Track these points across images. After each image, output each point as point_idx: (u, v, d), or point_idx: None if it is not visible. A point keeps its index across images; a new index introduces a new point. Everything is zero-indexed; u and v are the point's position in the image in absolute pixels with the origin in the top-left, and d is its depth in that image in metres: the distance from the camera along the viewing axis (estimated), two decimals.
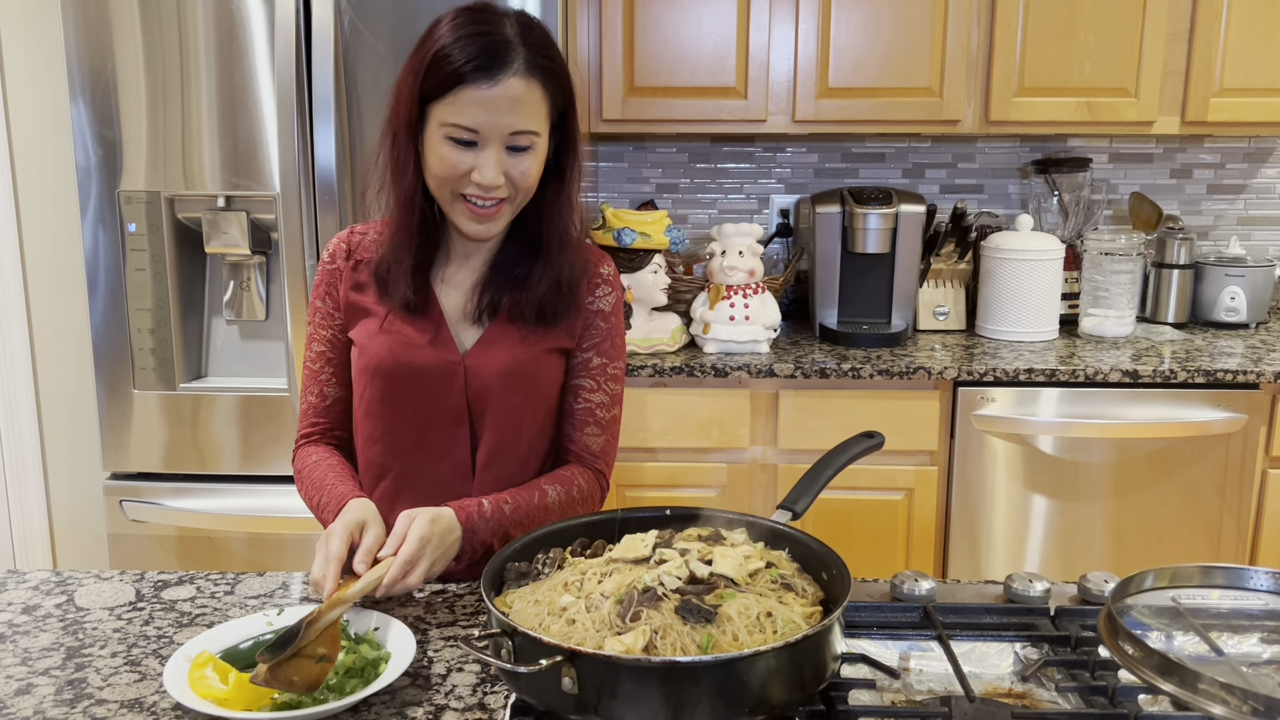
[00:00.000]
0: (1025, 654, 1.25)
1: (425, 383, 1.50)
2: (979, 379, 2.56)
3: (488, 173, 1.38)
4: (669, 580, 1.12)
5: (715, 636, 1.05)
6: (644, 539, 1.18)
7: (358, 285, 1.54)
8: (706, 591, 1.11)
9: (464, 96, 1.35)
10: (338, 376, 1.58)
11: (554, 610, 1.07)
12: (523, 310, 1.51)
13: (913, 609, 1.29)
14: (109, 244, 2.41)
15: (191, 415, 2.48)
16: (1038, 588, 1.34)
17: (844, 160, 3.18)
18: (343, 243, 1.56)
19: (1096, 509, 2.61)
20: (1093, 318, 2.86)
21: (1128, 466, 2.59)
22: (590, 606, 1.07)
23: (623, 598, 1.07)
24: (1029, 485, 2.61)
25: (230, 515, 2.50)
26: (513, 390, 1.52)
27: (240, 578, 1.45)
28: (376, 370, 1.50)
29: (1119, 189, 3.16)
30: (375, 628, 1.24)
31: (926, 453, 2.62)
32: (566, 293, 1.52)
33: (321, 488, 1.51)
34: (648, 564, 1.15)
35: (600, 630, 1.04)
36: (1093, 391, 2.56)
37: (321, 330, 1.57)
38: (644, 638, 1.02)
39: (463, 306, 1.52)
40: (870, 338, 2.78)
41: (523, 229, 1.51)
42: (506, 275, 1.51)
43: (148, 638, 1.27)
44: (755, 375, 2.57)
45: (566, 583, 1.13)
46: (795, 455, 2.63)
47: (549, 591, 1.12)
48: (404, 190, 1.45)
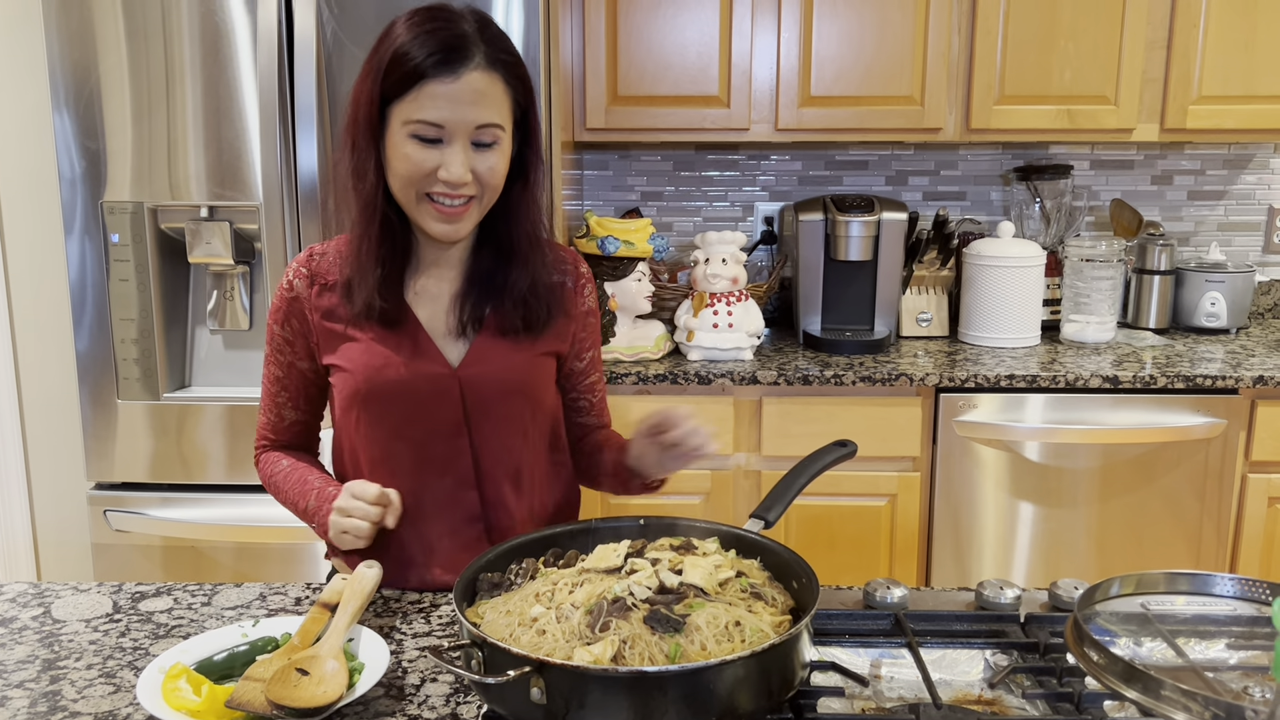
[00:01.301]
0: (995, 661, 1.26)
1: (418, 399, 1.48)
2: (960, 385, 2.57)
3: (454, 169, 1.36)
4: (639, 590, 1.13)
5: (683, 646, 1.06)
6: (616, 549, 1.19)
7: (328, 312, 1.50)
8: (676, 601, 1.12)
9: (427, 92, 1.35)
10: (293, 401, 1.57)
11: (524, 621, 1.08)
12: (510, 321, 1.51)
13: (884, 616, 1.30)
14: (92, 254, 2.41)
15: (176, 425, 2.48)
16: (1008, 595, 1.35)
17: (828, 168, 3.20)
18: (302, 267, 1.51)
19: (1078, 514, 2.63)
20: (1074, 324, 2.88)
21: (1108, 472, 2.60)
22: (560, 617, 1.08)
23: (593, 608, 1.08)
24: (1011, 491, 2.63)
25: (214, 525, 2.50)
26: (511, 399, 1.52)
27: (218, 589, 1.45)
28: (365, 393, 1.48)
29: (1100, 195, 3.18)
30: (350, 639, 1.24)
31: (909, 459, 2.64)
32: (546, 294, 1.53)
33: (305, 491, 1.50)
34: (619, 574, 1.16)
35: (570, 640, 1.05)
36: (1074, 397, 2.58)
37: (278, 355, 1.54)
38: (612, 648, 1.03)
39: (444, 320, 1.51)
40: (853, 344, 2.79)
41: (493, 234, 1.50)
42: (485, 284, 1.50)
43: (123, 650, 1.28)
44: (739, 382, 2.58)
45: (538, 593, 1.14)
46: (778, 462, 2.64)
47: (520, 602, 1.13)
48: (365, 195, 1.42)
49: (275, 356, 1.55)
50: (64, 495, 2.86)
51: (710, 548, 1.25)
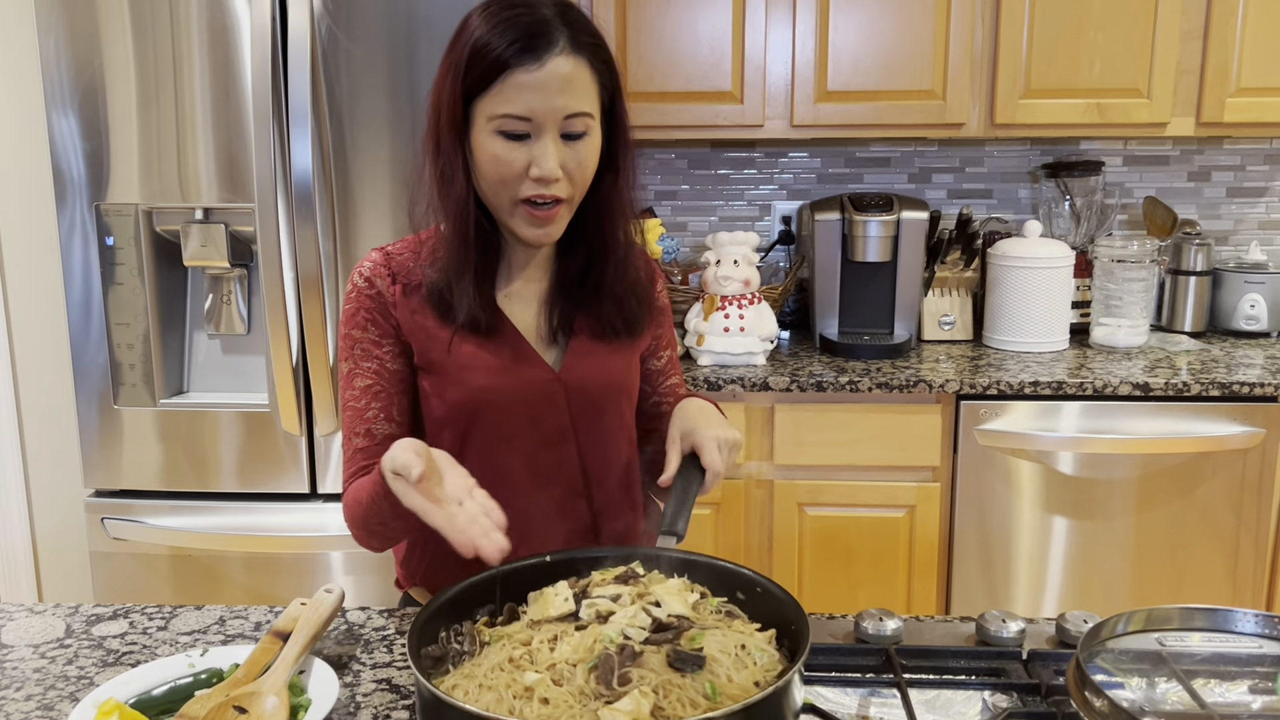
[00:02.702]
0: (994, 702, 1.16)
1: (525, 406, 1.40)
2: (982, 392, 2.46)
3: (546, 163, 1.26)
4: (634, 633, 1.04)
5: (715, 682, 0.98)
6: (557, 593, 1.10)
7: (417, 312, 1.39)
8: (678, 636, 1.03)
9: (511, 82, 1.25)
10: (386, 412, 1.41)
11: (519, 692, 0.95)
12: (609, 323, 1.43)
13: (875, 652, 1.21)
14: (88, 258, 2.37)
15: (173, 431, 2.43)
16: (1011, 628, 1.25)
17: (848, 165, 3.09)
18: (380, 266, 1.41)
19: (1106, 527, 2.51)
20: (1104, 327, 2.75)
21: (1139, 483, 2.48)
22: (559, 680, 0.97)
23: (596, 663, 0.97)
24: (1036, 503, 2.51)
25: (215, 534, 2.45)
26: (616, 400, 1.46)
27: (176, 611, 1.39)
28: (471, 404, 1.38)
29: (1134, 193, 3.05)
30: (301, 670, 1.17)
31: (928, 468, 2.53)
32: (641, 291, 1.45)
33: (375, 478, 1.30)
34: (576, 619, 1.07)
35: (584, 703, 0.94)
36: (1103, 405, 2.46)
37: (364, 362, 1.40)
38: (648, 700, 0.93)
39: (534, 324, 1.42)
40: (872, 349, 2.68)
41: (581, 231, 1.40)
42: (575, 287, 1.42)
43: (68, 679, 1.22)
44: (750, 389, 2.49)
45: (511, 658, 1.01)
46: (792, 471, 2.54)
47: (495, 673, 0.99)
48: (455, 200, 1.32)
49: (360, 364, 1.40)
50: (63, 503, 2.82)
51: (654, 574, 1.16)
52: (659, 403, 1.58)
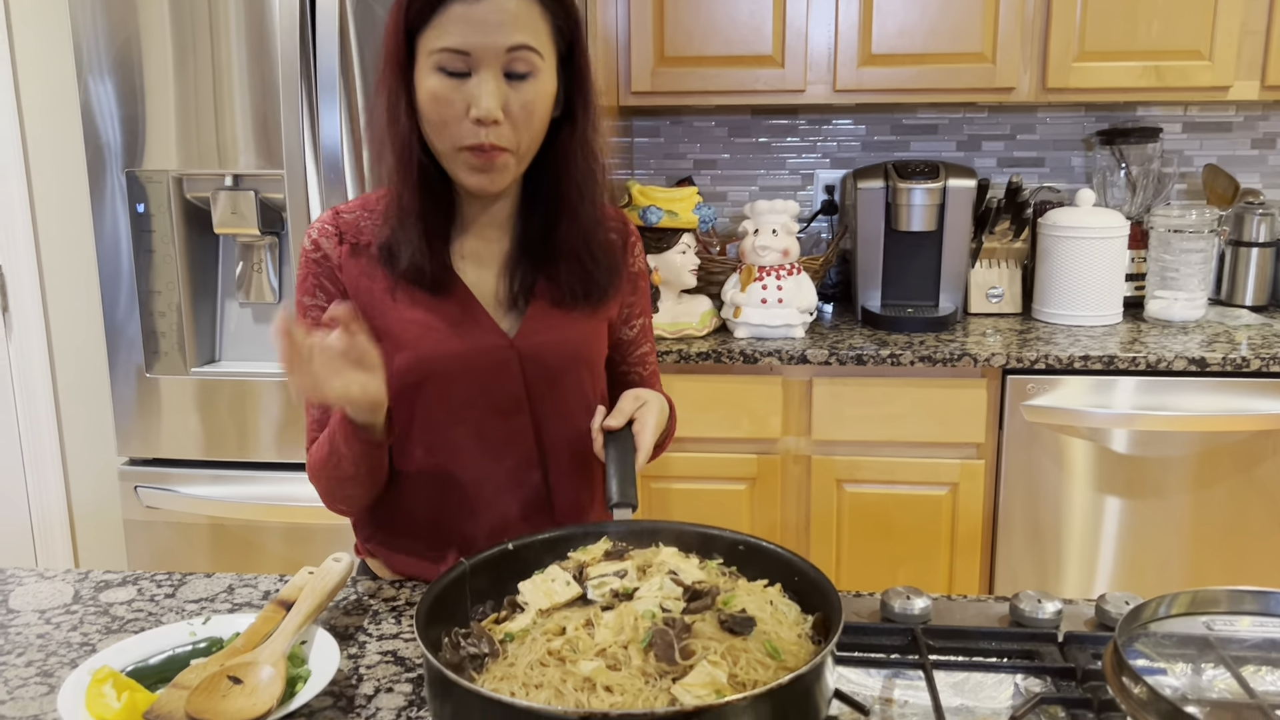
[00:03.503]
0: (1026, 686, 1.09)
1: (475, 374, 1.34)
2: (1030, 366, 2.37)
3: (484, 101, 1.20)
4: (671, 605, 0.99)
5: (771, 639, 0.94)
6: (553, 578, 1.04)
7: (363, 276, 1.35)
8: (713, 602, 0.99)
9: (450, 15, 1.20)
10: None
11: (579, 685, 0.88)
12: (569, 288, 1.37)
13: (900, 631, 1.15)
14: (118, 225, 2.36)
15: (206, 400, 2.42)
16: (1047, 609, 1.18)
17: (894, 133, 3.00)
18: (329, 225, 1.37)
19: (1160, 507, 2.41)
20: (1160, 300, 2.64)
21: (1195, 462, 2.38)
22: (615, 665, 0.91)
23: (650, 640, 0.91)
24: (1085, 481, 2.42)
25: (246, 503, 2.44)
26: (575, 370, 1.40)
27: (186, 579, 1.36)
28: (416, 369, 1.33)
29: (1193, 161, 2.92)
30: (303, 641, 1.14)
31: (973, 445, 2.45)
32: (603, 256, 1.39)
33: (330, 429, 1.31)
34: (587, 602, 1.02)
35: (651, 683, 0.88)
36: (1156, 381, 2.36)
37: (315, 330, 1.33)
38: (723, 668, 0.89)
39: (493, 287, 1.37)
40: (916, 321, 2.60)
41: (541, 189, 1.35)
42: (537, 247, 1.36)
43: (70, 645, 1.19)
44: (787, 362, 2.42)
45: (550, 650, 0.94)
46: (830, 447, 2.48)
47: (539, 670, 0.91)
48: (400, 141, 1.27)
49: (314, 331, 1.34)
50: (97, 471, 2.83)
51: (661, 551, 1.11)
52: (628, 372, 1.53)
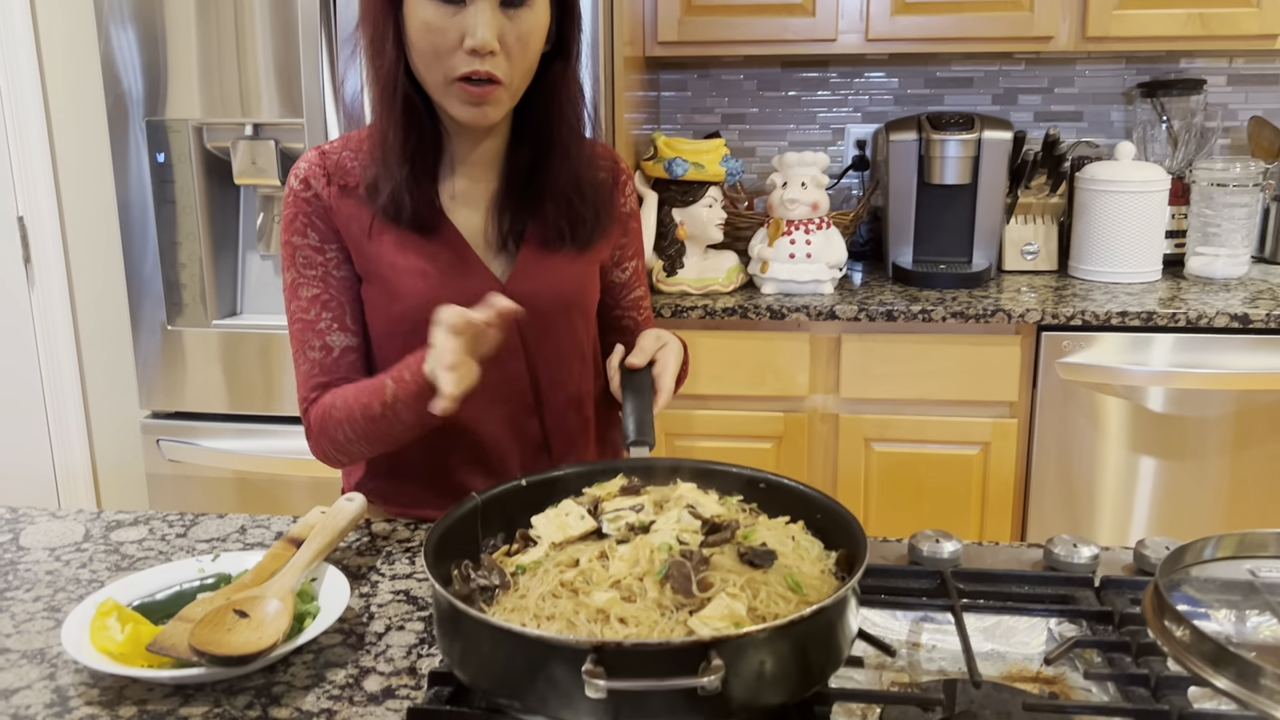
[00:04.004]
0: (1061, 631, 1.05)
1: None
2: (1065, 323, 2.31)
3: (480, 31, 1.16)
4: (689, 538, 0.95)
5: (793, 573, 0.91)
6: (567, 513, 1.00)
7: (351, 218, 1.31)
8: (733, 535, 0.95)
9: None
10: (339, 322, 1.33)
11: (592, 616, 0.85)
12: (556, 229, 1.34)
13: (929, 574, 1.11)
14: (139, 176, 2.34)
15: (228, 353, 2.40)
16: (1083, 554, 1.14)
17: (927, 86, 2.92)
18: (315, 165, 1.33)
19: (1197, 467, 2.35)
20: (1201, 257, 2.56)
21: (1234, 421, 2.31)
22: (630, 596, 0.87)
23: (667, 572, 0.88)
24: (1121, 440, 2.36)
25: (269, 457, 2.43)
26: (569, 314, 1.38)
27: (198, 519, 1.34)
28: (405, 314, 1.29)
29: (1237, 115, 2.83)
30: (313, 579, 1.11)
31: (1005, 404, 2.39)
32: (591, 192, 1.36)
33: (374, 387, 1.25)
34: (601, 536, 0.98)
35: (668, 615, 0.85)
36: (1196, 338, 2.29)
37: (308, 270, 1.32)
38: (742, 600, 0.86)
39: (483, 229, 1.34)
40: (948, 278, 2.54)
41: (530, 126, 1.32)
42: (525, 186, 1.33)
43: (79, 582, 1.17)
44: (815, 318, 2.37)
45: (563, 582, 0.90)
46: (859, 405, 2.43)
47: (551, 601, 0.88)
48: (384, 74, 1.24)
49: (304, 273, 1.32)
50: (120, 425, 2.82)
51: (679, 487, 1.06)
52: (621, 316, 1.49)
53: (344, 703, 0.95)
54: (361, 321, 1.35)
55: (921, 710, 0.90)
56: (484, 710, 0.88)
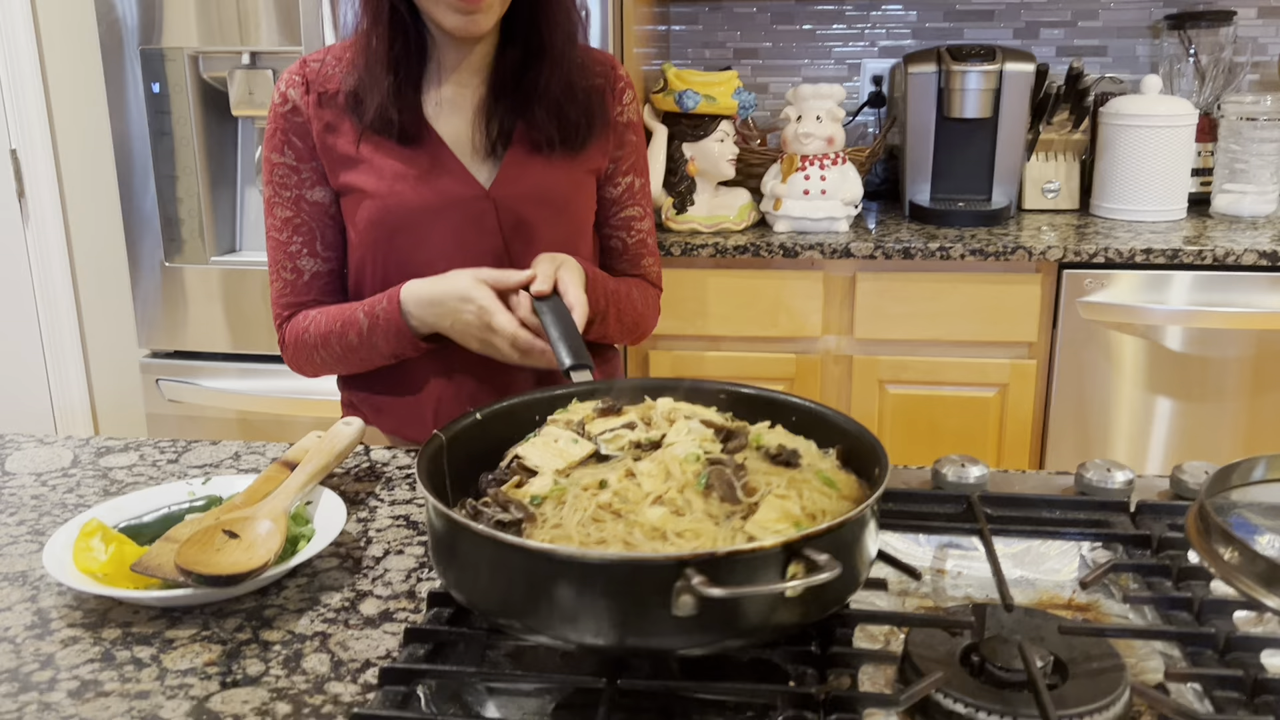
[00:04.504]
0: (1094, 558, 1.00)
1: (450, 226, 1.28)
2: (1088, 260, 2.24)
3: None
4: (709, 446, 0.89)
5: (821, 470, 0.88)
6: (556, 437, 0.92)
7: (331, 127, 1.28)
8: (744, 441, 0.91)
9: None
10: (309, 247, 1.33)
11: (649, 534, 0.79)
12: (545, 132, 1.29)
13: (955, 499, 1.05)
14: (134, 107, 2.27)
15: (228, 290, 2.35)
16: (1117, 478, 1.08)
17: (946, 19, 2.83)
18: (295, 75, 1.30)
19: (1220, 409, 2.29)
20: (1228, 194, 2.49)
21: (1261, 362, 2.25)
22: (680, 510, 0.82)
23: (708, 481, 0.83)
24: (1143, 382, 2.30)
25: (271, 397, 2.38)
26: (554, 222, 1.33)
27: (190, 445, 1.29)
28: (386, 223, 1.28)
29: (1267, 50, 2.74)
30: (307, 502, 1.06)
31: (1024, 344, 2.33)
32: (584, 98, 1.31)
33: (348, 319, 1.29)
34: (602, 459, 0.91)
35: (720, 525, 0.80)
36: (1222, 276, 2.22)
37: (282, 191, 1.32)
38: (793, 499, 0.82)
39: (469, 136, 1.30)
40: (966, 215, 2.47)
41: (520, 30, 1.28)
42: (513, 91, 1.29)
43: (65, 506, 1.12)
44: (829, 256, 2.30)
45: (601, 504, 0.83)
46: (873, 346, 2.36)
47: (593, 526, 0.81)
48: None
49: (280, 193, 1.32)
50: (118, 364, 2.77)
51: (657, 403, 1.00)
52: (609, 236, 1.43)
53: (339, 626, 0.90)
54: (336, 245, 1.35)
55: (949, 634, 0.85)
56: (485, 630, 0.83)
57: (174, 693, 0.81)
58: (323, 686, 0.82)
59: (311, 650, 0.87)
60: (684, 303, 2.35)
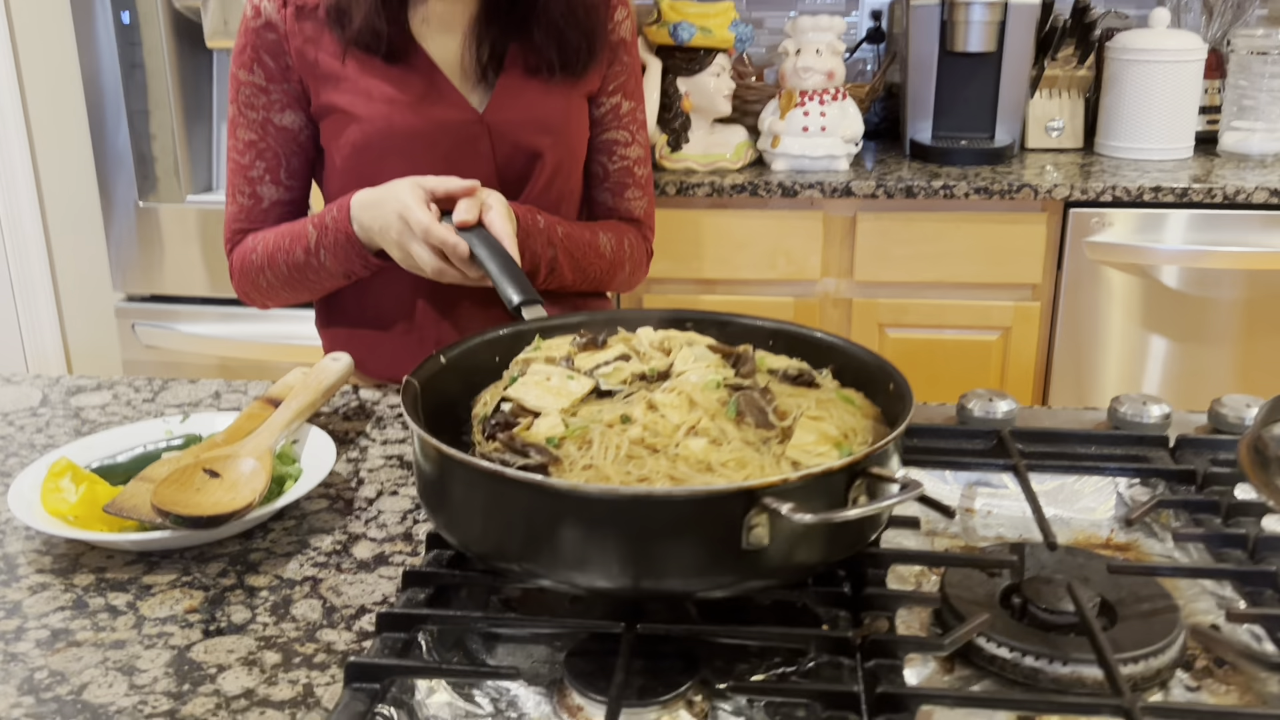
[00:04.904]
0: (1132, 495, 0.94)
1: (440, 152, 1.20)
2: (1095, 199, 2.17)
3: None
4: (723, 373, 0.83)
5: (840, 390, 0.84)
6: (548, 375, 0.84)
7: (310, 42, 1.20)
8: (753, 365, 0.85)
9: None
10: (273, 174, 1.25)
11: (695, 467, 0.73)
12: (543, 55, 1.21)
13: (982, 434, 0.99)
14: (103, 38, 2.17)
15: (206, 232, 2.26)
16: (1154, 412, 1.02)
17: None
18: None
19: (1230, 353, 2.23)
20: (1236, 132, 2.42)
21: (1267, 304, 2.19)
22: (717, 439, 0.75)
23: (738, 409, 0.77)
24: (1151, 324, 2.24)
25: (252, 342, 2.31)
26: (551, 151, 1.25)
27: (168, 384, 1.22)
28: (371, 146, 1.19)
29: None
30: (294, 440, 0.99)
31: (1028, 286, 2.27)
32: (585, 20, 1.23)
33: (295, 233, 1.21)
34: (604, 395, 0.84)
35: (760, 453, 0.74)
36: (1231, 216, 2.16)
37: (249, 112, 1.23)
38: (829, 420, 0.77)
39: (458, 56, 1.22)
40: (969, 154, 2.39)
41: None
42: (507, 10, 1.21)
43: (33, 447, 1.05)
44: (830, 195, 2.23)
45: (635, 439, 0.75)
46: (873, 289, 2.30)
47: (630, 464, 0.73)
48: None
49: (245, 114, 1.24)
50: (93, 309, 2.68)
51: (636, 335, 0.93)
52: (590, 160, 1.34)
53: (331, 570, 0.84)
54: (301, 175, 1.28)
55: (987, 575, 0.79)
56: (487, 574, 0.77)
57: (152, 641, 0.75)
58: (314, 634, 0.76)
59: (301, 596, 0.80)
60: (678, 245, 2.28)
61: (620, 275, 1.34)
